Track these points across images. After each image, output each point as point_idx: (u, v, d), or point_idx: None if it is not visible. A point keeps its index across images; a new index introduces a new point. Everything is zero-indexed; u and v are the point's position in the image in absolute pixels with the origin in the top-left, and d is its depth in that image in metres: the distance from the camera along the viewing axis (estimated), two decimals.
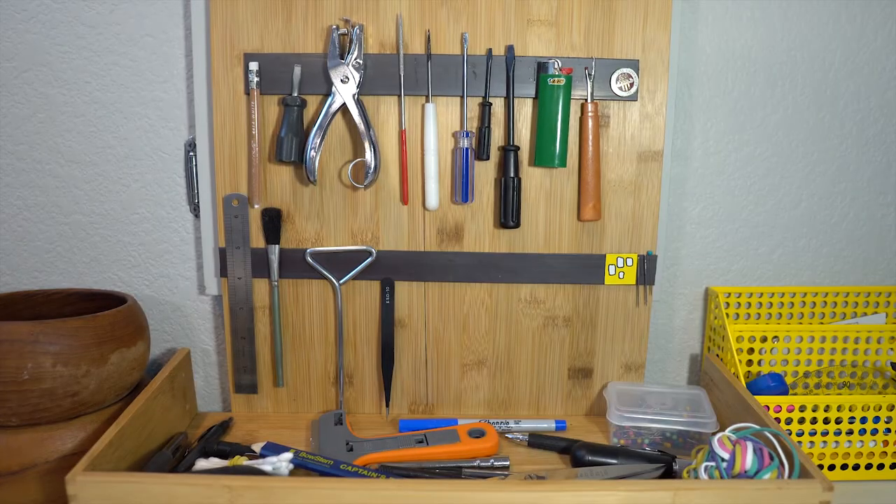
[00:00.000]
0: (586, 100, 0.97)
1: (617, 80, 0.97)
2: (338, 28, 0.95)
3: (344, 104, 0.95)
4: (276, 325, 1.03)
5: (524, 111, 0.99)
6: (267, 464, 0.84)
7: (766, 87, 1.07)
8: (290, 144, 0.95)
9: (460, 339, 1.05)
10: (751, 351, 1.03)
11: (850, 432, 0.95)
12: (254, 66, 0.95)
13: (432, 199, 0.98)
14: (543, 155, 0.96)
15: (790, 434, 0.94)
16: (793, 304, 1.12)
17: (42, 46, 1.02)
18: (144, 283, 1.11)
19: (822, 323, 1.14)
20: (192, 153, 1.04)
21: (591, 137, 0.97)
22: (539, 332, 1.05)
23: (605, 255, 1.02)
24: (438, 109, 0.98)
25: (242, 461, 0.85)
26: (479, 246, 1.02)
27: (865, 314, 1.13)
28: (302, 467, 0.86)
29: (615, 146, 0.99)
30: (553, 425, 1.03)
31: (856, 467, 0.96)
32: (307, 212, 1.01)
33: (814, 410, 0.94)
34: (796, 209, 1.12)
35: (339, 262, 1.02)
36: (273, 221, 1.00)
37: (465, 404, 1.08)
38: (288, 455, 0.85)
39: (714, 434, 0.82)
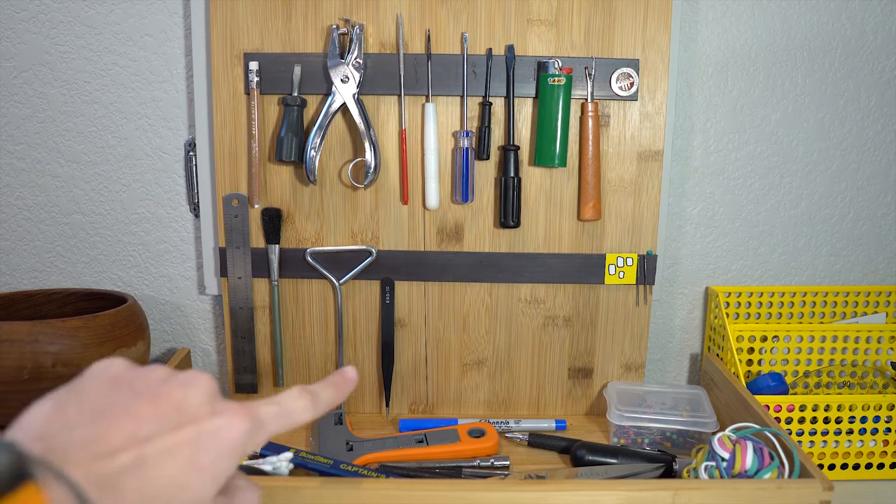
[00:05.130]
0: (586, 99, 0.97)
1: (617, 79, 0.97)
2: (338, 28, 0.95)
3: (344, 104, 0.95)
4: (276, 325, 1.03)
5: (524, 111, 0.99)
6: (267, 464, 0.83)
7: (766, 86, 1.07)
8: (290, 144, 0.95)
9: (460, 339, 1.05)
10: (751, 350, 1.03)
11: (850, 432, 0.95)
12: (254, 65, 0.95)
13: (432, 199, 0.98)
14: (543, 155, 0.96)
15: (790, 434, 0.94)
16: (793, 303, 1.13)
17: (42, 46, 1.02)
18: (144, 282, 1.11)
19: (822, 323, 1.13)
20: (191, 153, 1.04)
21: (591, 137, 0.97)
22: (539, 331, 1.05)
23: (605, 255, 1.02)
24: (438, 109, 0.98)
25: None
26: (479, 246, 1.02)
27: (865, 314, 1.13)
28: (302, 467, 0.86)
29: (615, 146, 0.99)
30: (553, 425, 1.03)
31: (856, 467, 0.96)
32: (307, 211, 1.01)
33: (814, 410, 0.94)
34: (796, 209, 1.12)
35: (339, 262, 1.02)
36: (273, 221, 1.00)
37: (465, 404, 1.08)
38: (288, 455, 0.84)
39: (714, 434, 0.82)
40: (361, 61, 0.94)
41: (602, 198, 1.00)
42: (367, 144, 0.95)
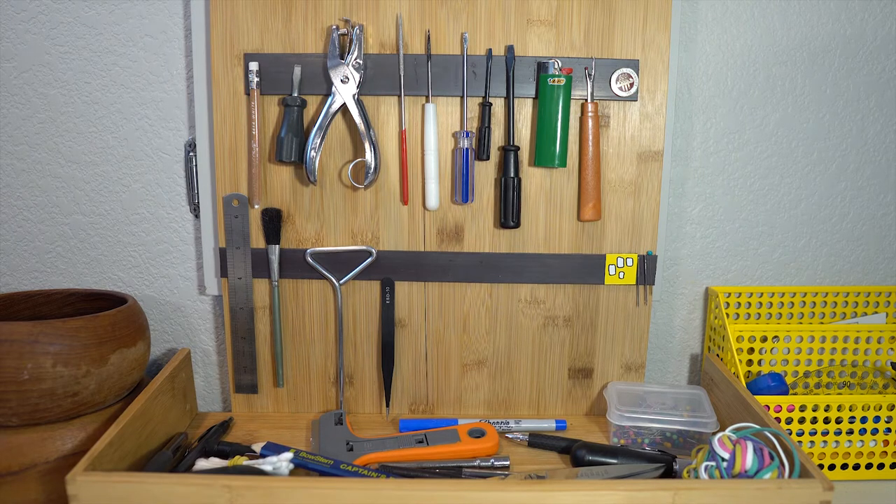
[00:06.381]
0: (586, 100, 0.97)
1: (617, 80, 0.97)
2: (338, 28, 0.95)
3: (344, 104, 0.95)
4: (276, 325, 1.03)
5: (524, 111, 0.99)
6: (267, 464, 0.84)
7: (766, 86, 1.07)
8: (290, 144, 0.95)
9: (460, 339, 1.05)
10: (751, 351, 1.03)
11: (850, 432, 0.95)
12: (254, 66, 0.95)
13: (432, 199, 0.98)
14: (543, 155, 0.96)
15: (790, 434, 0.94)
16: (793, 304, 1.12)
17: (42, 46, 1.02)
18: (144, 283, 1.11)
19: (822, 323, 1.13)
20: (192, 153, 1.05)
21: (591, 137, 0.97)
22: (539, 332, 1.05)
23: (605, 255, 1.02)
24: (438, 109, 0.98)
25: (242, 461, 0.85)
26: (479, 246, 1.02)
27: (865, 314, 1.13)
28: (302, 467, 0.86)
29: (615, 146, 0.99)
30: (553, 425, 1.03)
31: (856, 467, 0.96)
32: (307, 212, 1.01)
33: (814, 410, 0.94)
34: (796, 209, 1.12)
35: (339, 262, 1.02)
36: (273, 221, 1.00)
37: (466, 404, 1.08)
38: (288, 455, 0.85)
39: (714, 434, 0.82)
40: (361, 62, 0.95)
41: (602, 198, 1.00)
42: (367, 145, 0.95)
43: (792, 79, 1.07)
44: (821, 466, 0.96)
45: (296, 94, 0.96)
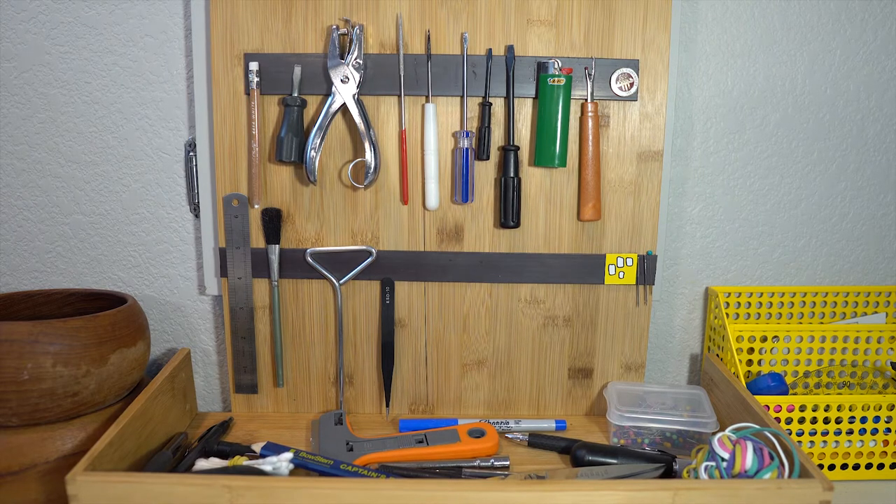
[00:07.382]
0: (586, 100, 0.97)
1: (617, 79, 0.97)
2: (338, 28, 0.95)
3: (344, 104, 0.95)
4: (276, 325, 1.03)
5: (524, 111, 0.99)
6: (267, 464, 0.84)
7: (766, 86, 1.07)
8: (290, 144, 0.95)
9: (460, 339, 1.05)
10: (751, 351, 1.03)
11: (850, 432, 0.95)
12: (254, 66, 0.95)
13: (432, 199, 0.98)
14: (543, 155, 0.96)
15: (790, 434, 0.94)
16: (793, 304, 1.12)
17: (42, 46, 1.02)
18: (144, 283, 1.11)
19: (822, 323, 1.13)
20: (192, 153, 1.05)
21: (591, 137, 0.97)
22: (539, 332, 1.05)
23: (605, 255, 1.02)
24: (438, 109, 0.98)
25: (242, 461, 0.85)
26: (479, 246, 1.02)
27: (865, 314, 1.13)
28: (302, 467, 0.86)
29: (615, 146, 0.99)
30: (553, 425, 1.03)
31: (856, 467, 0.96)
32: (307, 212, 1.01)
33: (814, 410, 0.94)
34: (796, 209, 1.12)
35: (339, 262, 1.02)
36: (273, 221, 1.00)
37: (465, 404, 1.08)
38: (288, 455, 0.85)
39: (714, 434, 0.82)
40: (361, 62, 0.95)
41: (602, 198, 1.00)
42: (367, 145, 0.95)
43: (792, 79, 1.07)
44: (821, 466, 0.96)
45: (296, 94, 0.96)
